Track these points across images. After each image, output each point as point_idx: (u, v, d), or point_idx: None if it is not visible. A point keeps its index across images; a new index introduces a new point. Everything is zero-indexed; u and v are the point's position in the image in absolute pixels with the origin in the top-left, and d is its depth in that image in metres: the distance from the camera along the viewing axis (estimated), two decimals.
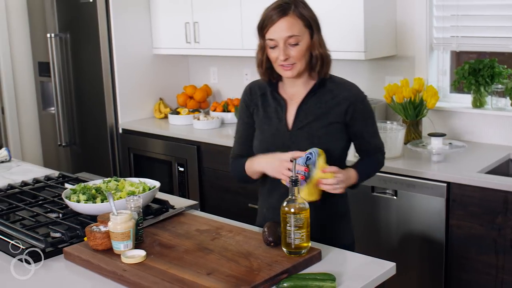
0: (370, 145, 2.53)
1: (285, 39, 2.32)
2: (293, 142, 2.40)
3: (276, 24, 2.32)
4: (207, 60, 5.35)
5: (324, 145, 2.36)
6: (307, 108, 2.42)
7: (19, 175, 3.50)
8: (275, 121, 2.46)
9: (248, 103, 2.56)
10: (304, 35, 2.35)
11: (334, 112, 2.41)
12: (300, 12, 2.34)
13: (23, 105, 5.81)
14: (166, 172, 4.82)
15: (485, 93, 3.83)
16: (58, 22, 5.35)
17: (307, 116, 2.42)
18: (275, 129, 2.45)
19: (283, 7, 2.33)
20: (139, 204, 2.32)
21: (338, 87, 2.45)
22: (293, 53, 2.34)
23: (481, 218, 3.16)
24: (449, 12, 3.92)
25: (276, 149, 2.40)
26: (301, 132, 2.41)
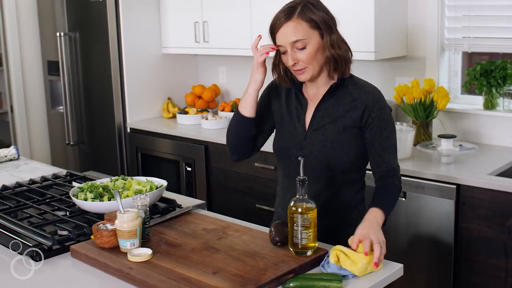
0: (383, 161, 2.37)
1: (291, 44, 2.28)
2: (307, 143, 2.38)
3: (281, 29, 2.29)
4: (216, 59, 5.34)
5: (336, 149, 2.34)
6: (325, 109, 2.38)
7: (27, 173, 3.50)
8: (295, 120, 2.44)
9: (269, 93, 2.54)
10: (311, 38, 2.28)
11: (350, 115, 2.35)
12: (305, 14, 2.27)
13: (32, 104, 5.82)
14: (173, 172, 4.81)
15: (496, 94, 3.80)
16: (67, 21, 5.35)
17: (323, 118, 2.38)
18: (293, 128, 2.43)
19: (288, 11, 2.29)
20: (146, 203, 2.31)
21: (358, 90, 2.37)
22: (302, 57, 2.29)
23: (491, 220, 3.13)
24: (461, 12, 3.89)
25: (291, 148, 2.41)
26: (316, 133, 2.38)
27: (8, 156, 3.82)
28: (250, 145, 2.54)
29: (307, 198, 2.10)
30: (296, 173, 2.22)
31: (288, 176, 2.45)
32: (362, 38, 3.86)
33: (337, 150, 2.33)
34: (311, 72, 2.32)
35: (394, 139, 2.41)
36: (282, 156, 2.47)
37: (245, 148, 2.55)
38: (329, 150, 2.33)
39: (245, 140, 2.52)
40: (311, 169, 2.35)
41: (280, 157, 2.49)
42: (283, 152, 2.45)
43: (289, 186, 2.43)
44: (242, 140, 2.53)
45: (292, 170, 2.40)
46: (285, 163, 2.46)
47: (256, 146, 2.56)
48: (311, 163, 2.35)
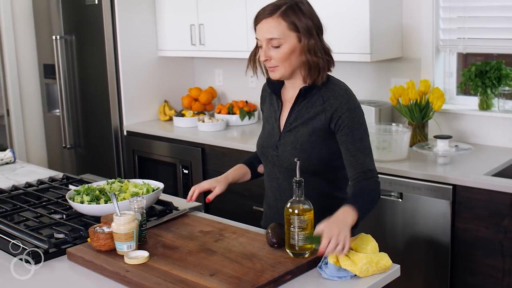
0: (358, 162, 2.33)
1: (267, 41, 2.32)
2: (281, 144, 2.44)
3: (260, 23, 2.34)
4: (212, 62, 5.34)
5: (304, 151, 2.38)
6: (298, 112, 2.42)
7: (24, 176, 3.50)
8: (273, 120, 2.51)
9: (261, 100, 2.66)
10: (287, 38, 2.31)
11: (319, 118, 2.37)
12: (287, 15, 2.30)
13: (28, 107, 5.82)
14: (170, 174, 4.81)
15: (491, 95, 3.80)
16: (63, 24, 5.35)
17: (296, 120, 2.42)
18: (271, 128, 2.51)
19: (274, 7, 2.32)
20: (143, 205, 2.32)
21: (329, 93, 2.38)
22: (275, 55, 2.33)
23: (487, 221, 3.13)
24: (456, 14, 3.90)
25: (268, 147, 2.49)
26: (289, 135, 2.43)
27: (4, 159, 3.82)
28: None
29: (303, 199, 2.11)
30: (273, 172, 2.44)
31: (267, 176, 2.55)
32: (358, 40, 3.86)
33: (305, 152, 2.37)
34: (282, 72, 2.36)
35: (368, 142, 2.39)
36: (261, 155, 2.55)
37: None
38: (298, 151, 2.38)
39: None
40: (285, 168, 2.43)
41: (261, 156, 2.57)
42: (262, 151, 2.53)
43: (269, 184, 2.54)
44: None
45: (270, 169, 2.51)
46: (265, 162, 2.55)
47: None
48: (283, 163, 2.43)
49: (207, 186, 2.55)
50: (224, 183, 2.56)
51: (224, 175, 2.61)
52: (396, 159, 3.53)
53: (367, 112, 3.93)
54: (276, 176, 2.49)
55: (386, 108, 4.05)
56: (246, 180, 2.69)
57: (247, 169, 2.67)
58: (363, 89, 4.31)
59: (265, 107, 2.61)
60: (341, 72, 4.40)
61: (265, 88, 2.62)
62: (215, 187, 2.54)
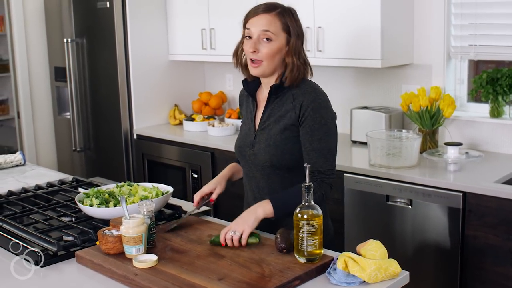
0: (310, 162, 2.36)
1: (259, 34, 2.40)
2: (256, 142, 2.51)
3: (257, 16, 2.42)
4: (223, 66, 5.34)
5: (277, 148, 2.44)
6: (271, 110, 2.50)
7: (33, 178, 3.50)
8: (249, 121, 2.59)
9: (239, 104, 2.75)
10: (279, 37, 2.41)
11: (289, 115, 2.44)
12: (283, 16, 2.42)
13: (38, 110, 5.83)
14: (180, 179, 4.81)
15: (503, 102, 3.79)
16: (74, 27, 5.37)
17: (269, 118, 2.50)
18: (247, 129, 2.58)
19: (269, 6, 2.44)
20: (152, 209, 2.32)
21: (299, 91, 2.45)
22: (263, 49, 2.40)
23: (497, 228, 3.12)
24: (467, 20, 3.89)
25: (244, 147, 2.56)
26: (263, 133, 2.50)
27: (14, 161, 3.83)
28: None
29: (312, 204, 2.10)
30: (250, 171, 2.53)
31: (246, 175, 2.61)
32: (369, 46, 3.86)
33: (278, 149, 2.44)
34: (264, 68, 2.44)
35: (329, 143, 2.41)
36: (239, 156, 2.61)
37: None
38: (271, 148, 2.45)
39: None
40: (260, 166, 2.49)
41: (239, 157, 2.63)
42: (239, 151, 2.59)
43: (248, 183, 2.61)
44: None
45: (247, 168, 2.57)
46: (243, 162, 2.61)
47: None
48: (259, 161, 2.49)
49: (207, 189, 2.60)
50: (222, 182, 2.63)
51: (220, 174, 2.67)
52: (406, 165, 3.52)
53: (378, 118, 3.95)
54: (254, 175, 2.55)
55: (396, 115, 4.04)
56: (240, 177, 2.73)
57: (240, 167, 2.71)
58: (373, 95, 4.31)
59: (243, 110, 2.69)
60: (352, 77, 4.42)
61: (242, 93, 2.73)
62: (215, 188, 2.59)
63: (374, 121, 3.99)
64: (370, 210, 3.60)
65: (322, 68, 4.23)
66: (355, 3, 3.89)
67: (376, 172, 3.52)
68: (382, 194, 3.50)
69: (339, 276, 2.02)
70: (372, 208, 3.57)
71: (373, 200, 3.55)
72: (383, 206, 3.52)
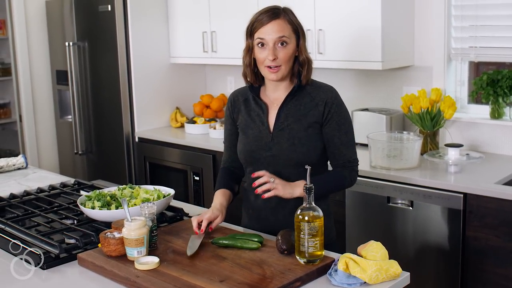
0: (341, 154, 2.51)
1: (275, 40, 2.42)
2: (274, 144, 2.49)
3: (267, 25, 2.44)
4: (224, 69, 5.35)
5: (303, 145, 2.46)
6: (288, 110, 2.51)
7: (35, 181, 3.51)
8: (258, 124, 2.56)
9: (231, 111, 2.68)
10: (291, 39, 2.46)
11: (312, 113, 2.48)
12: (289, 18, 2.47)
13: (40, 113, 5.85)
14: (181, 181, 4.82)
15: (503, 104, 3.80)
16: (76, 31, 5.38)
17: (287, 118, 2.50)
18: (258, 132, 2.55)
19: (274, 12, 2.47)
20: (153, 211, 2.32)
21: (316, 90, 2.52)
22: (281, 54, 2.43)
23: (498, 229, 3.13)
24: (468, 22, 3.90)
25: (258, 150, 2.52)
26: (282, 133, 2.49)
27: (16, 164, 3.84)
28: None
29: (314, 206, 2.11)
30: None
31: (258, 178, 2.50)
32: (369, 48, 3.87)
33: (304, 146, 2.46)
34: (283, 72, 2.47)
35: (352, 134, 2.55)
36: (250, 160, 2.56)
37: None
38: (297, 147, 2.46)
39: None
40: (282, 167, 2.48)
41: (248, 160, 2.58)
42: (251, 155, 2.55)
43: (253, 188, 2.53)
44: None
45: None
46: (255, 166, 2.55)
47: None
48: (281, 161, 2.48)
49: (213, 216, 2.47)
50: (223, 212, 2.54)
51: (219, 203, 2.56)
52: (407, 167, 3.52)
53: (379, 120, 3.96)
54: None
55: (397, 116, 4.05)
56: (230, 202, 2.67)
57: (230, 193, 2.66)
58: (374, 97, 4.31)
59: (240, 116, 2.63)
60: (353, 80, 4.42)
61: (236, 98, 2.67)
62: (217, 216, 2.49)
63: (375, 123, 4.00)
64: (371, 211, 3.60)
65: (323, 71, 4.23)
66: (355, 6, 3.90)
67: (377, 174, 3.52)
68: (383, 196, 3.51)
69: (340, 277, 2.02)
70: (373, 209, 3.58)
71: (374, 201, 3.56)
72: (384, 207, 3.53)
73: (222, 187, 2.66)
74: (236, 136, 2.66)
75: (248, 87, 2.62)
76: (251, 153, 2.55)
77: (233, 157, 2.69)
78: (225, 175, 2.71)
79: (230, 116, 2.67)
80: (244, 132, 2.60)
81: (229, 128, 2.69)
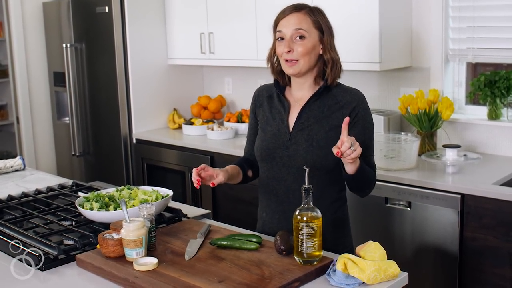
0: (365, 159, 2.41)
1: (292, 33, 2.40)
2: (292, 143, 2.45)
3: (287, 17, 2.42)
4: (222, 70, 5.36)
5: (322, 148, 2.40)
6: (310, 111, 2.47)
7: (33, 183, 3.51)
8: (278, 121, 2.52)
9: (254, 105, 2.66)
10: (311, 34, 2.41)
11: (336, 116, 2.43)
12: (313, 13, 2.44)
13: (38, 115, 5.84)
14: (179, 182, 4.82)
15: (500, 105, 3.80)
16: (73, 32, 5.39)
17: (308, 119, 2.46)
18: (276, 129, 2.51)
19: (298, 6, 2.45)
20: (152, 212, 2.33)
21: (342, 93, 2.48)
22: (298, 47, 2.39)
23: (496, 230, 3.13)
24: (465, 23, 3.91)
25: (275, 148, 2.48)
26: (301, 133, 2.45)
27: (14, 166, 3.84)
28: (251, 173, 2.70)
29: (312, 206, 2.11)
30: (280, 173, 2.45)
31: (273, 178, 2.51)
32: (367, 49, 3.87)
33: (322, 149, 2.40)
34: (300, 67, 2.42)
35: (373, 140, 2.53)
36: (266, 157, 2.52)
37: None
38: (315, 149, 2.41)
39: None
40: (296, 168, 2.43)
41: (264, 158, 2.53)
42: (267, 153, 2.51)
43: (275, 188, 2.51)
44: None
45: (276, 172, 2.49)
46: (270, 164, 2.52)
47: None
48: (297, 162, 2.42)
49: (211, 171, 2.45)
50: (225, 175, 2.48)
51: (223, 168, 2.53)
52: (404, 168, 3.53)
53: (376, 121, 3.94)
54: (284, 178, 2.48)
55: (395, 117, 4.05)
56: (237, 181, 2.64)
57: (240, 170, 2.63)
58: (372, 98, 4.32)
59: (261, 111, 2.61)
60: (351, 81, 4.41)
61: (260, 93, 2.65)
62: (218, 174, 2.44)
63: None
64: (369, 212, 3.61)
65: None
66: (354, 7, 3.90)
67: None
68: (381, 197, 3.51)
69: (338, 278, 2.03)
70: (371, 210, 3.58)
71: (372, 202, 3.56)
72: (382, 208, 3.53)
73: (233, 164, 2.65)
74: (255, 130, 2.64)
75: (274, 82, 2.59)
76: (267, 151, 2.50)
77: (252, 151, 2.66)
78: (241, 159, 2.71)
79: (253, 110, 2.66)
80: (263, 129, 2.56)
81: (251, 122, 2.68)
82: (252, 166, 2.67)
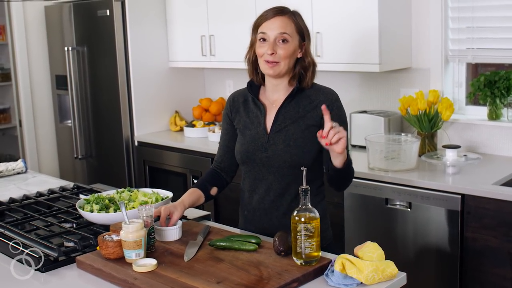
0: None
1: (276, 36, 2.46)
2: (270, 145, 2.52)
3: (271, 20, 2.48)
4: (223, 73, 5.37)
5: (298, 147, 2.48)
6: (286, 112, 2.53)
7: (35, 186, 3.53)
8: (256, 125, 2.58)
9: (229, 111, 2.70)
10: (294, 38, 2.48)
11: (310, 115, 2.51)
12: (295, 17, 2.51)
13: (40, 118, 5.86)
14: (181, 185, 4.83)
15: (500, 105, 3.81)
16: (75, 36, 5.40)
17: (285, 120, 2.52)
18: (255, 133, 2.57)
19: (280, 9, 2.51)
20: (151, 213, 2.33)
21: (315, 92, 2.55)
22: (281, 51, 2.46)
23: (496, 230, 3.13)
24: (465, 24, 3.91)
25: (254, 151, 2.55)
26: (279, 135, 2.51)
27: (16, 169, 3.86)
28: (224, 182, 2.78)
29: (310, 207, 2.12)
30: (260, 174, 2.53)
31: (254, 178, 2.59)
32: (367, 50, 3.88)
33: (299, 148, 2.48)
34: (281, 69, 2.48)
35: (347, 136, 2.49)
36: (247, 160, 2.58)
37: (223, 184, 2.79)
38: (292, 148, 2.48)
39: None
40: (276, 168, 2.51)
41: (244, 161, 2.60)
42: (247, 155, 2.57)
43: (256, 188, 2.59)
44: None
45: (257, 172, 2.56)
46: (250, 166, 2.59)
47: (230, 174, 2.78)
48: (276, 162, 2.50)
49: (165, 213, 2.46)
50: (181, 209, 2.51)
51: (180, 200, 2.57)
52: (405, 168, 3.53)
53: (376, 122, 3.97)
54: (265, 178, 2.55)
55: (395, 118, 4.06)
56: (200, 203, 2.67)
57: (201, 193, 2.66)
58: (372, 99, 4.33)
59: (238, 116, 2.65)
60: (351, 83, 4.43)
61: (236, 99, 2.69)
62: (173, 212, 2.47)
63: (373, 125, 4.01)
64: (369, 213, 3.61)
65: (321, 73, 4.19)
66: (353, 8, 3.91)
67: (375, 176, 3.53)
68: (381, 198, 3.52)
69: (336, 278, 2.03)
70: (372, 211, 3.59)
71: (372, 203, 3.57)
72: (382, 209, 3.54)
73: (195, 186, 2.70)
74: (230, 136, 2.69)
75: (248, 85, 2.64)
76: (247, 154, 2.57)
77: (223, 157, 2.72)
78: (206, 176, 2.75)
79: (227, 115, 2.70)
80: (243, 133, 2.62)
81: (225, 127, 2.72)
82: (217, 181, 2.73)
